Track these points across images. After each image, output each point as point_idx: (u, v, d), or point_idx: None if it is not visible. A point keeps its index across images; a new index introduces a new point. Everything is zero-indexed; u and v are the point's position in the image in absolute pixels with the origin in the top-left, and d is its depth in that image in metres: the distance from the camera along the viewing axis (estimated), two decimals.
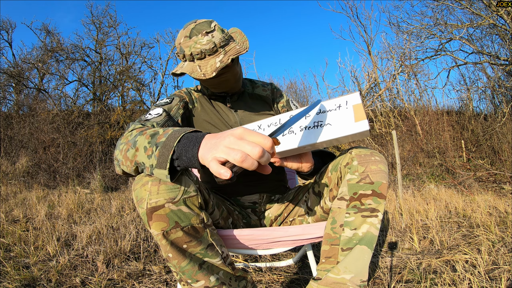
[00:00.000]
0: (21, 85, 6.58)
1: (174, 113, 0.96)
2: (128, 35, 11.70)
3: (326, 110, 0.75)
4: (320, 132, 0.72)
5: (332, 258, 0.76)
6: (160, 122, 0.87)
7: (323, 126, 0.73)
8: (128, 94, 6.97)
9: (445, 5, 5.52)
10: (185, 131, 0.62)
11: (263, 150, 0.51)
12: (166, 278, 1.33)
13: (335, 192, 0.82)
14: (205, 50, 0.89)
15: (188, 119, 1.03)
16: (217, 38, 0.89)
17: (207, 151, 0.55)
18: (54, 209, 2.60)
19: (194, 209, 0.68)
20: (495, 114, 5.59)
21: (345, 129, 0.70)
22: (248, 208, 1.04)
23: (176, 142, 0.60)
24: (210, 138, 0.57)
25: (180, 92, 1.06)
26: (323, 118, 0.74)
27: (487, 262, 1.35)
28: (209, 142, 0.57)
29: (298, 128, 0.76)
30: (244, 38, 0.96)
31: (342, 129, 0.70)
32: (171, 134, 0.62)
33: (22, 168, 4.51)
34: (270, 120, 0.83)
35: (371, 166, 0.75)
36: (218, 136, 0.56)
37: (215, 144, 0.54)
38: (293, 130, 0.77)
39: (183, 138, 0.60)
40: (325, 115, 0.74)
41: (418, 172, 4.36)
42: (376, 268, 1.39)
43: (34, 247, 1.65)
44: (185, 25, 0.94)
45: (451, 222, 2.07)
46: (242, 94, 1.12)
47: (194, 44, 0.89)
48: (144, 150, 0.64)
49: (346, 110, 0.72)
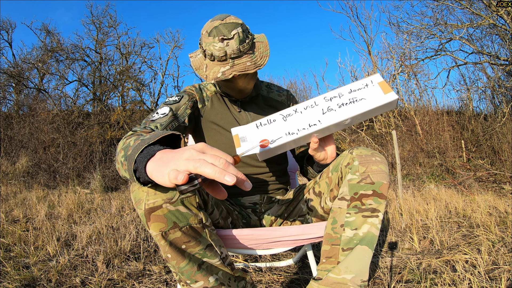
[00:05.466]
0: (21, 85, 6.58)
1: (181, 113, 0.95)
2: (128, 35, 11.69)
3: (356, 88, 0.84)
4: (357, 106, 0.81)
5: (333, 258, 0.76)
6: (164, 123, 0.88)
7: (358, 101, 0.82)
8: (128, 94, 6.98)
9: (445, 5, 5.52)
10: (149, 141, 0.59)
11: (227, 162, 0.49)
12: (166, 278, 1.33)
13: (336, 192, 0.82)
14: (215, 56, 0.87)
15: (196, 118, 1.03)
16: (230, 49, 0.86)
17: (159, 165, 0.52)
18: (54, 209, 2.60)
19: (192, 209, 0.68)
20: (495, 114, 5.59)
21: (378, 100, 0.80)
22: (248, 208, 1.04)
23: (138, 153, 0.58)
24: (166, 152, 0.54)
25: (191, 89, 1.04)
26: (356, 95, 0.83)
27: (487, 262, 1.35)
28: (164, 155, 0.54)
29: (336, 106, 0.83)
30: (266, 53, 0.91)
31: (376, 100, 0.80)
32: (138, 144, 0.60)
33: (22, 168, 4.51)
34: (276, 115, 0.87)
35: (372, 166, 0.75)
36: (177, 150, 0.54)
37: (173, 158, 0.51)
38: (332, 107, 0.83)
39: (145, 149, 0.58)
40: (357, 93, 0.83)
41: (418, 172, 4.36)
42: (376, 268, 1.39)
43: (34, 247, 1.65)
44: (216, 17, 0.91)
45: (451, 222, 2.07)
46: (256, 97, 1.10)
47: (209, 43, 0.88)
48: (121, 165, 0.64)
49: (373, 87, 0.83)
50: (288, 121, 0.85)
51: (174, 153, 0.53)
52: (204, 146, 0.53)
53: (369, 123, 6.06)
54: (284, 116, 0.86)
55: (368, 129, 5.99)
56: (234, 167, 0.50)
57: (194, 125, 1.04)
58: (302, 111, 0.86)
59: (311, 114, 0.84)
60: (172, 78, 7.79)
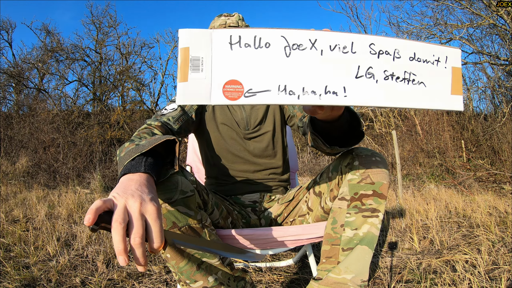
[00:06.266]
0: (21, 85, 6.59)
1: (188, 108, 1.00)
2: (128, 35, 11.74)
3: (423, 59, 0.53)
4: (409, 92, 0.52)
5: (333, 258, 0.76)
6: (175, 116, 0.93)
7: (415, 84, 0.52)
8: (128, 94, 6.98)
9: (445, 5, 5.52)
10: (142, 150, 0.61)
11: (141, 242, 0.45)
12: (166, 278, 1.33)
13: (336, 192, 0.82)
14: (216, 26, 1.08)
15: (201, 114, 1.07)
16: (230, 20, 1.07)
17: (119, 186, 0.52)
18: (54, 209, 2.60)
19: (191, 209, 0.68)
20: (495, 114, 5.59)
21: (439, 100, 0.53)
22: (248, 207, 1.04)
23: (129, 160, 0.60)
24: (131, 181, 0.54)
25: None
26: (417, 70, 0.53)
27: (487, 262, 1.35)
28: (135, 178, 0.54)
29: (382, 72, 0.51)
30: None
31: (436, 99, 0.53)
32: (131, 151, 0.63)
33: (22, 168, 4.51)
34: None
35: (372, 166, 0.75)
36: (144, 186, 0.53)
37: (124, 192, 0.49)
38: (373, 72, 0.51)
39: (136, 158, 0.60)
40: (420, 67, 0.53)
41: (418, 172, 4.36)
42: (376, 268, 1.39)
43: (34, 247, 1.65)
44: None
45: (451, 222, 2.07)
46: None
47: (214, 22, 1.11)
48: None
49: (445, 70, 0.54)
50: (291, 59, 0.48)
51: (136, 183, 0.52)
52: (154, 210, 0.48)
53: (369, 123, 6.06)
54: (289, 46, 0.48)
55: (368, 129, 5.99)
56: (143, 250, 0.45)
57: (199, 120, 1.07)
58: (323, 50, 0.49)
59: (337, 66, 0.49)
60: (172, 78, 7.78)
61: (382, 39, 0.51)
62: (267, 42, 0.48)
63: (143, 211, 0.47)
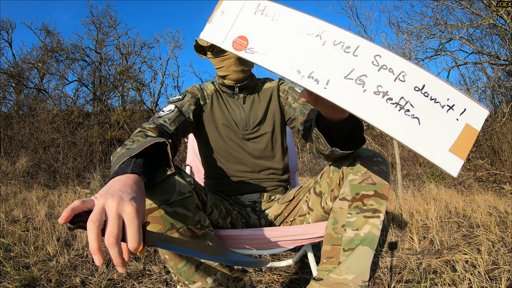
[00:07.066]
0: (21, 85, 6.58)
1: (185, 109, 1.00)
2: (128, 35, 11.69)
3: (430, 95, 0.47)
4: (396, 119, 0.46)
5: (334, 258, 0.76)
6: (171, 118, 0.93)
7: (408, 116, 0.46)
8: (128, 94, 6.98)
9: (445, 5, 5.52)
10: (132, 153, 0.61)
11: (115, 242, 0.45)
12: (166, 278, 1.33)
13: (337, 192, 0.82)
14: None
15: (199, 114, 1.07)
16: None
17: (106, 185, 0.53)
18: (54, 209, 2.59)
19: (189, 210, 0.68)
20: (495, 114, 5.59)
21: (429, 148, 0.46)
22: (248, 207, 1.04)
23: (120, 164, 0.61)
24: (124, 178, 0.54)
25: (193, 89, 1.09)
26: (417, 104, 0.46)
27: (487, 262, 1.35)
28: (121, 179, 0.54)
29: (374, 88, 0.47)
30: None
31: (425, 144, 0.46)
32: (121, 155, 0.64)
33: (22, 168, 4.51)
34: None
35: (373, 167, 0.75)
36: (128, 186, 0.52)
37: (107, 192, 0.49)
38: (365, 82, 0.47)
39: (126, 161, 0.61)
40: (423, 102, 0.46)
41: (418, 172, 4.36)
42: (376, 268, 1.39)
43: (34, 247, 1.64)
44: None
45: (451, 222, 2.07)
46: (252, 92, 1.12)
47: None
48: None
49: (455, 122, 0.46)
50: (295, 39, 0.52)
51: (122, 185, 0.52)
52: (132, 211, 0.47)
53: None
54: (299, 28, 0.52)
55: (368, 129, 5.99)
56: (117, 250, 0.45)
57: (198, 121, 1.07)
58: (326, 42, 0.50)
59: (332, 59, 0.49)
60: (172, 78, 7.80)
61: (390, 55, 0.48)
62: (283, 19, 0.53)
63: (120, 211, 0.47)
